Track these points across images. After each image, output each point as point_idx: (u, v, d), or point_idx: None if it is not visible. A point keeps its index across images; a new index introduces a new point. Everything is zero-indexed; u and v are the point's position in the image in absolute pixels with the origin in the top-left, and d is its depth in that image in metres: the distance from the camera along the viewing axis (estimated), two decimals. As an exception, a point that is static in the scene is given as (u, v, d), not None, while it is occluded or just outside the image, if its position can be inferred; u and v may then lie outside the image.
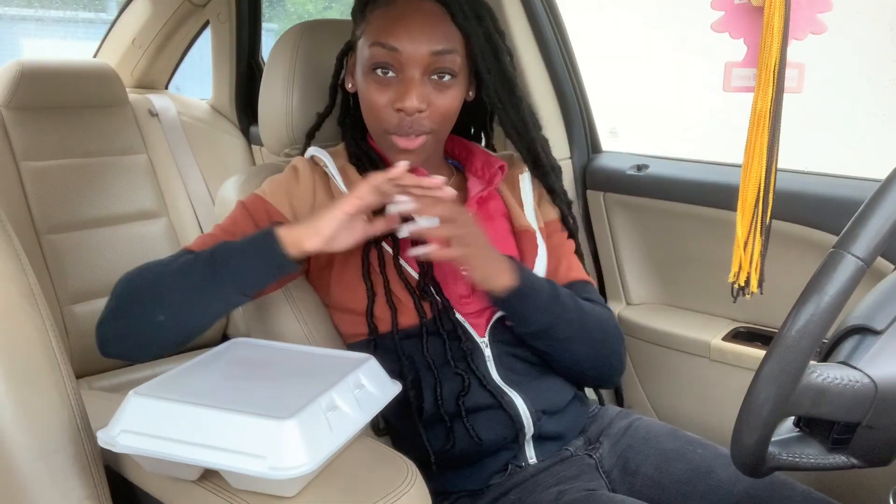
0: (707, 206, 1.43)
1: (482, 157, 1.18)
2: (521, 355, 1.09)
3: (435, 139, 1.07)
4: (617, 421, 1.15)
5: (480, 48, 1.05)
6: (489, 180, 1.14)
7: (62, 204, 1.95)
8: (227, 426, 0.74)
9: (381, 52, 1.01)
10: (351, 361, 0.88)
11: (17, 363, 0.82)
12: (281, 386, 0.82)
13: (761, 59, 0.71)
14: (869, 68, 4.16)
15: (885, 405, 0.69)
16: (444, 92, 1.03)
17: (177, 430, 0.75)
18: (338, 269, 1.08)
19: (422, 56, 1.00)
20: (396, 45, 1.00)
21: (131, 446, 0.76)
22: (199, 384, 0.82)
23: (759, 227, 0.75)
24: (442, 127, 1.06)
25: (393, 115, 1.02)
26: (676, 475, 1.05)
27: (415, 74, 1.00)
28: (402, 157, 1.03)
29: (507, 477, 1.05)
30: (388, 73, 1.01)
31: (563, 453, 1.09)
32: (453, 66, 1.02)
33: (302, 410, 0.74)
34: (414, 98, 1.00)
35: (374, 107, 1.03)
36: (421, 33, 1.00)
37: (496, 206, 1.17)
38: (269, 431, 0.72)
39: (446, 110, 1.04)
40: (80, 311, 1.92)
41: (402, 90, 1.00)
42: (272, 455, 0.71)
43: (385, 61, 1.01)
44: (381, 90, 1.02)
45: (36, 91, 1.96)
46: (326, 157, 1.11)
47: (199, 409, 0.75)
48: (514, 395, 1.06)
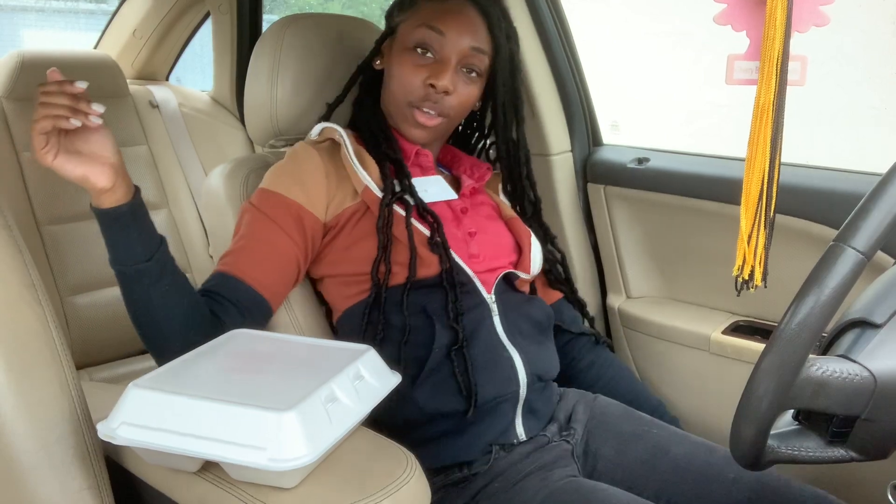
0: (708, 199, 1.43)
1: (469, 160, 1.29)
2: (524, 314, 1.17)
3: (446, 126, 1.18)
4: (579, 405, 1.20)
5: (502, 63, 1.18)
6: (479, 177, 1.25)
7: (62, 195, 1.95)
8: (226, 418, 0.74)
9: (428, 33, 1.12)
10: (350, 353, 0.89)
11: (18, 354, 0.82)
12: (280, 377, 0.82)
13: (764, 52, 0.71)
14: (871, 62, 4.15)
15: (884, 399, 0.69)
16: (468, 85, 1.15)
17: (176, 422, 0.75)
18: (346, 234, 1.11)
19: (462, 46, 1.13)
20: (444, 30, 1.12)
21: (131, 438, 0.76)
22: (198, 376, 0.82)
23: (763, 221, 0.75)
24: (456, 115, 1.17)
25: (422, 88, 1.12)
26: (635, 454, 1.12)
27: (451, 60, 1.12)
28: (416, 132, 1.16)
29: (493, 462, 1.08)
30: (427, 54, 1.13)
31: (541, 439, 1.13)
32: (481, 65, 1.16)
33: (301, 402, 0.74)
34: (447, 78, 1.11)
35: (407, 80, 1.13)
36: (466, 28, 1.13)
37: (484, 199, 1.26)
38: (268, 423, 0.72)
39: (465, 101, 1.16)
40: (81, 302, 1.92)
41: (438, 69, 1.12)
42: (272, 447, 0.71)
43: (429, 42, 1.12)
44: (416, 67, 1.13)
45: (36, 82, 1.93)
46: (341, 130, 1.16)
47: (199, 401, 0.76)
48: (514, 353, 1.11)
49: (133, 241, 0.93)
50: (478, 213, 1.22)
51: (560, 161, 1.61)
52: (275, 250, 1.06)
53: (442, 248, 1.10)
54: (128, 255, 0.93)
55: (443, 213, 1.16)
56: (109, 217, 0.91)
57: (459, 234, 1.16)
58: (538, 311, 1.20)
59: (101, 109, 0.90)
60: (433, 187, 1.19)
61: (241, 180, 1.18)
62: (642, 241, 1.58)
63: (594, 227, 1.64)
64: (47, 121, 0.86)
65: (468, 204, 1.21)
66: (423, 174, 1.20)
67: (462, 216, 1.18)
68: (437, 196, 1.18)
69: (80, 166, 0.89)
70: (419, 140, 1.17)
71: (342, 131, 1.16)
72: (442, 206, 1.17)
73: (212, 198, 1.18)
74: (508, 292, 1.17)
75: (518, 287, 1.19)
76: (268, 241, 1.06)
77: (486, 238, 1.18)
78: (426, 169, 1.21)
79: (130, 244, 0.93)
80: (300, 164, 1.12)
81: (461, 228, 1.17)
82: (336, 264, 1.12)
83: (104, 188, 0.90)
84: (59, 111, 0.86)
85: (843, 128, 4.04)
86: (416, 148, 1.18)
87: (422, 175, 1.20)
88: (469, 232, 1.17)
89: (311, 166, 1.12)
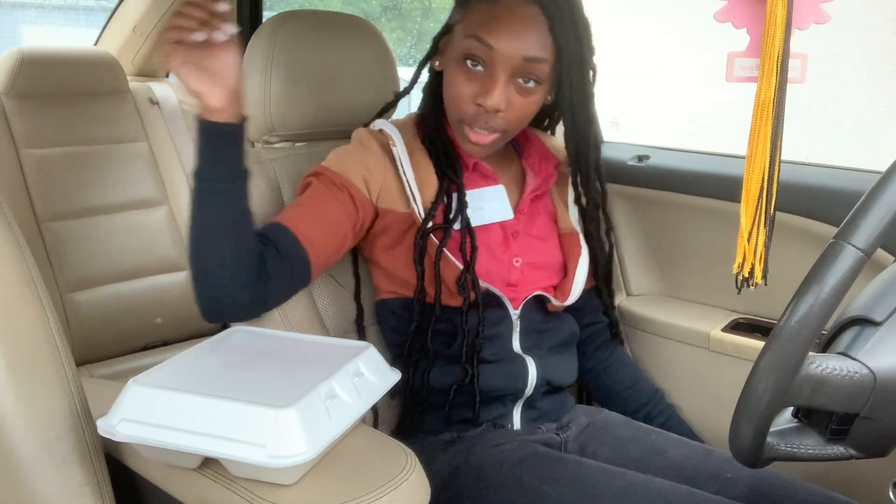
0: (708, 196, 1.42)
1: (540, 148, 1.22)
2: (546, 332, 1.17)
3: (505, 137, 1.10)
4: (584, 414, 1.22)
5: (568, 61, 1.06)
6: (545, 179, 1.19)
7: (63, 192, 1.95)
8: (226, 415, 0.74)
9: (476, 45, 1.03)
10: (350, 350, 0.89)
11: (18, 351, 0.82)
12: (280, 374, 0.82)
13: (764, 49, 0.71)
14: (871, 60, 4.15)
15: (883, 396, 0.69)
16: (526, 96, 1.06)
17: (176, 419, 0.75)
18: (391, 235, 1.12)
19: (513, 59, 1.02)
20: (492, 43, 1.01)
21: (131, 435, 0.76)
22: (198, 373, 0.83)
23: (764, 218, 0.75)
24: (514, 127, 1.09)
25: (472, 107, 1.05)
26: (632, 455, 1.12)
27: (502, 74, 1.03)
28: (471, 147, 1.09)
29: (481, 433, 1.11)
30: (478, 67, 1.04)
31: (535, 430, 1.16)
32: (541, 74, 1.05)
33: (301, 399, 0.74)
34: (496, 97, 1.02)
35: (456, 95, 1.06)
36: (518, 37, 1.02)
37: (545, 205, 1.22)
38: (268, 420, 0.72)
39: (523, 114, 1.07)
40: (81, 298, 1.92)
41: (487, 86, 1.03)
42: (271, 443, 0.72)
43: (477, 55, 1.03)
44: (467, 81, 1.05)
45: (36, 79, 1.96)
46: (395, 131, 1.13)
47: (199, 397, 0.76)
48: (529, 359, 1.13)
49: (225, 159, 0.93)
50: (531, 231, 1.18)
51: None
52: (326, 215, 1.06)
53: (469, 288, 1.08)
54: (215, 171, 0.92)
55: (492, 238, 1.14)
56: (213, 130, 0.91)
57: (505, 260, 1.14)
58: (563, 329, 1.20)
59: (233, 30, 0.88)
60: (490, 203, 1.15)
61: None
62: (642, 238, 1.58)
63: (594, 224, 1.64)
64: (174, 31, 0.87)
65: (523, 222, 1.17)
66: (483, 182, 1.16)
67: (512, 240, 1.15)
68: (491, 216, 1.14)
69: (198, 82, 0.89)
70: (476, 155, 1.12)
71: (395, 134, 1.13)
72: (493, 229, 1.14)
73: None
74: (535, 311, 1.16)
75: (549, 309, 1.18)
76: (322, 206, 1.06)
77: (532, 263, 1.16)
78: (487, 177, 1.16)
79: (222, 161, 0.92)
80: (365, 153, 1.11)
81: (508, 253, 1.14)
82: (380, 255, 1.14)
83: (215, 108, 0.90)
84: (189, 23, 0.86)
85: (844, 125, 4.03)
86: (473, 160, 1.14)
87: (483, 183, 1.16)
88: (514, 258, 1.14)
89: (375, 158, 1.11)
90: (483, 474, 1.04)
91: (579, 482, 0.97)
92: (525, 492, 0.99)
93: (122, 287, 1.99)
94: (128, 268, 2.01)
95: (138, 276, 2.03)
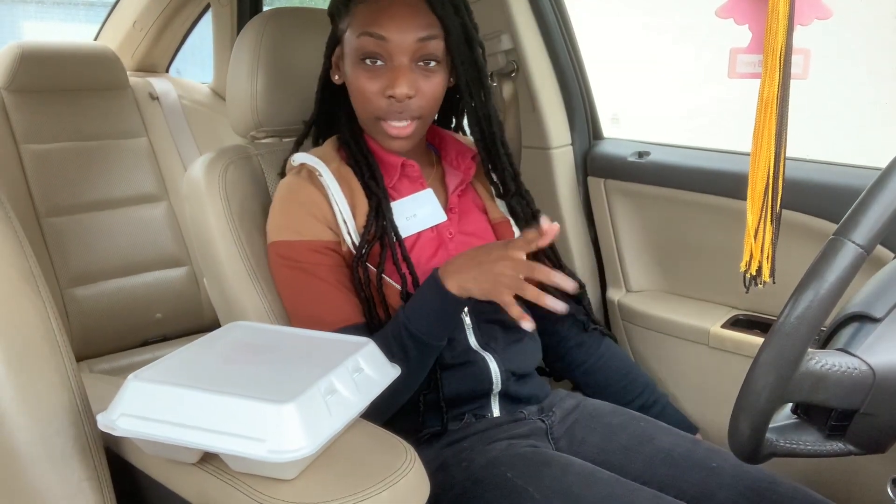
0: (708, 193, 1.42)
1: (455, 144, 1.23)
2: (498, 321, 1.16)
3: (423, 124, 1.12)
4: (568, 399, 1.23)
5: (456, 38, 1.09)
6: (465, 171, 1.20)
7: (63, 187, 1.95)
8: (225, 410, 0.74)
9: (369, 41, 1.05)
10: (350, 345, 0.89)
11: (18, 346, 0.82)
12: (280, 369, 0.82)
13: (767, 45, 0.71)
14: (872, 57, 4.14)
15: (882, 392, 0.69)
16: (430, 78, 1.09)
17: (176, 414, 0.75)
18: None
19: (409, 43, 1.05)
20: (384, 34, 1.04)
21: (130, 430, 0.76)
22: (197, 368, 0.83)
23: (770, 216, 0.75)
24: (429, 112, 1.11)
25: (383, 101, 1.07)
26: (620, 442, 1.13)
27: (403, 61, 1.06)
28: (394, 143, 1.10)
29: (464, 426, 1.12)
30: (377, 62, 1.06)
31: (518, 415, 1.16)
32: (437, 51, 1.08)
33: (301, 394, 0.74)
34: (404, 85, 1.05)
35: (364, 95, 1.08)
36: (406, 22, 1.05)
37: (473, 199, 1.23)
38: (267, 415, 0.72)
39: (432, 95, 1.10)
40: (81, 294, 1.92)
41: (392, 77, 1.05)
42: (271, 438, 0.72)
43: (374, 50, 1.06)
44: (371, 78, 1.07)
45: (36, 73, 1.96)
46: (319, 164, 1.12)
47: (198, 392, 0.76)
48: (489, 357, 1.14)
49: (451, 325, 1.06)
50: (465, 228, 1.18)
51: (560, 154, 1.61)
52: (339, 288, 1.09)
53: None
54: (442, 333, 1.04)
55: (428, 244, 1.14)
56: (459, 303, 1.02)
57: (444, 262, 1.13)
58: None
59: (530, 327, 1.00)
60: (422, 208, 1.15)
61: (220, 171, 1.19)
62: (642, 234, 1.58)
63: (594, 220, 1.64)
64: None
65: (456, 221, 1.18)
66: (412, 187, 1.16)
67: (448, 242, 1.16)
68: (425, 221, 1.15)
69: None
70: (401, 150, 1.13)
71: (322, 167, 1.12)
72: (428, 235, 1.15)
73: (192, 187, 1.20)
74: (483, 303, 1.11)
75: None
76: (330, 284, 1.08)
77: None
78: (415, 181, 1.16)
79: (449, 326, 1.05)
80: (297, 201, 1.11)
81: (446, 255, 1.14)
82: None
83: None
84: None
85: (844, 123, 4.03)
86: (401, 160, 1.14)
87: (411, 189, 1.16)
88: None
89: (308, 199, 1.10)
90: (471, 470, 1.05)
91: (563, 488, 0.98)
92: (510, 492, 0.99)
93: (122, 282, 2.00)
94: (128, 263, 2.01)
95: (138, 272, 2.03)
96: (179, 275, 2.09)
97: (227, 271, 1.15)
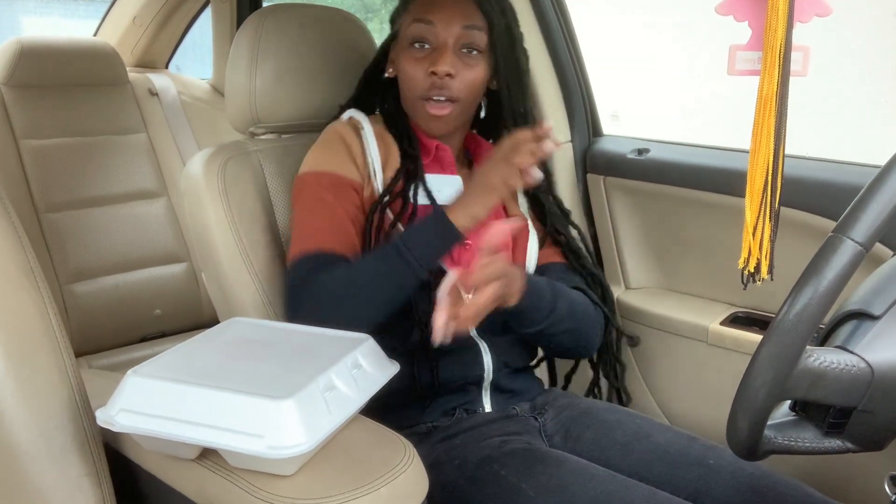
0: (708, 190, 1.42)
1: (487, 147, 1.29)
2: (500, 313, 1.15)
3: (461, 110, 1.18)
4: (561, 398, 1.25)
5: (499, 36, 1.18)
6: None
7: (62, 183, 1.95)
8: (224, 405, 0.74)
9: (420, 26, 1.16)
10: (349, 342, 0.89)
11: (17, 341, 0.82)
12: (279, 366, 0.82)
13: (766, 42, 0.71)
14: (872, 56, 4.14)
15: (881, 390, 0.69)
16: (471, 66, 1.17)
17: (175, 410, 0.75)
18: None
19: (454, 28, 1.15)
20: (433, 20, 1.15)
21: (130, 425, 0.76)
22: (197, 364, 0.83)
23: (769, 213, 0.75)
24: (466, 99, 1.18)
25: (426, 79, 1.15)
26: (616, 438, 1.14)
27: (447, 43, 1.15)
28: (433, 124, 1.18)
29: (455, 421, 1.14)
30: (425, 46, 1.16)
31: (510, 411, 1.18)
32: (480, 42, 1.17)
33: (300, 390, 0.74)
34: (446, 63, 1.13)
35: (410, 75, 1.16)
36: (454, 10, 1.16)
37: None
38: (266, 411, 0.73)
39: (472, 81, 1.17)
40: (80, 289, 1.92)
41: (436, 56, 1.14)
42: (270, 434, 0.72)
43: (423, 35, 1.16)
44: (417, 60, 1.16)
45: (36, 69, 1.96)
46: (365, 119, 1.21)
47: (197, 388, 0.76)
48: (483, 345, 1.17)
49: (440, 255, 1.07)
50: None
51: (560, 151, 1.61)
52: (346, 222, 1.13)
53: None
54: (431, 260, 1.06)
55: None
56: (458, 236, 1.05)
57: None
58: None
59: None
60: (446, 190, 1.20)
61: (219, 167, 1.19)
62: (642, 231, 1.58)
63: (593, 217, 1.64)
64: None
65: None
66: (442, 171, 1.21)
67: None
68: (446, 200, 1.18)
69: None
70: (439, 132, 1.19)
71: (366, 122, 1.20)
72: None
73: (191, 183, 1.20)
74: None
75: None
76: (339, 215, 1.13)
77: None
78: (446, 166, 1.22)
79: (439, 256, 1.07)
80: (340, 140, 1.18)
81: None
82: None
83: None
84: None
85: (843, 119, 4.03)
86: (435, 143, 1.20)
87: (441, 172, 1.21)
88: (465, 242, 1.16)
89: (349, 142, 1.18)
90: (464, 467, 1.05)
91: (558, 485, 0.98)
92: (504, 489, 1.00)
93: (121, 278, 2.00)
94: (127, 259, 2.01)
95: (137, 268, 2.03)
96: (178, 271, 2.09)
97: (225, 267, 1.16)
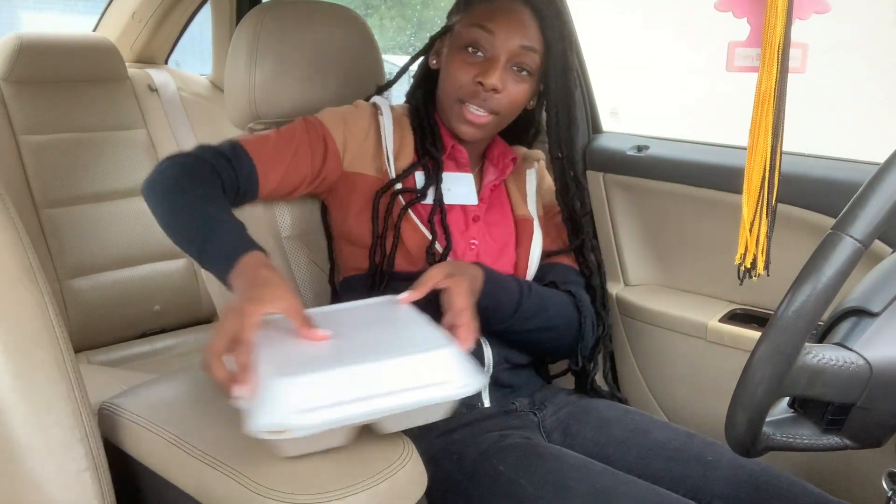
0: (707, 187, 1.42)
1: (500, 146, 1.30)
2: None
3: (496, 123, 1.19)
4: (560, 394, 1.26)
5: (554, 62, 1.17)
6: (502, 170, 1.27)
7: (61, 178, 1.95)
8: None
9: (479, 32, 1.14)
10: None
11: (16, 337, 0.82)
12: (391, 335, 0.86)
13: (765, 39, 0.71)
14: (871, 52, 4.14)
15: (879, 387, 0.69)
16: (518, 84, 1.16)
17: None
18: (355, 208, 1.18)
19: (511, 44, 1.14)
20: (494, 29, 1.13)
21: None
22: (309, 351, 0.80)
23: (765, 209, 0.75)
24: (506, 114, 1.18)
25: (471, 86, 1.14)
26: (614, 434, 1.15)
27: (501, 58, 1.14)
28: (465, 128, 1.17)
29: (454, 416, 1.12)
30: (478, 53, 1.15)
31: (509, 407, 1.18)
32: (532, 64, 1.16)
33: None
34: (496, 77, 1.13)
35: (456, 77, 1.16)
36: (517, 27, 1.14)
37: (504, 194, 1.30)
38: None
39: (515, 99, 1.17)
40: (79, 285, 1.92)
41: (488, 67, 1.13)
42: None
43: (479, 41, 1.14)
44: (467, 64, 1.15)
45: (35, 64, 1.95)
46: (386, 107, 1.22)
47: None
48: (484, 340, 1.17)
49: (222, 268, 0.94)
50: (489, 218, 1.25)
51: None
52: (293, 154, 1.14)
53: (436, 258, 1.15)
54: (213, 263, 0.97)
55: (454, 218, 1.20)
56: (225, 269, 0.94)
57: (462, 241, 1.20)
58: None
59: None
60: (458, 187, 1.21)
61: None
62: (641, 228, 1.58)
63: (592, 214, 1.64)
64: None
65: (484, 209, 1.24)
66: (457, 169, 1.23)
67: (472, 224, 1.22)
68: (458, 198, 1.21)
69: None
70: (468, 136, 1.19)
71: (385, 107, 1.22)
72: (456, 211, 1.21)
73: None
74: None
75: None
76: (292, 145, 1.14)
77: (487, 249, 1.22)
78: (461, 165, 1.23)
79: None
80: (353, 112, 1.21)
81: (466, 235, 1.21)
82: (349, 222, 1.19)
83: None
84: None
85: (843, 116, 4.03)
86: (452, 142, 1.21)
87: (455, 170, 1.23)
88: (472, 240, 1.21)
89: (360, 120, 1.20)
90: (463, 462, 1.05)
91: (556, 480, 0.98)
92: (502, 484, 1.00)
93: (121, 274, 2.00)
94: (126, 255, 2.01)
95: (137, 263, 2.03)
96: (178, 267, 2.09)
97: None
